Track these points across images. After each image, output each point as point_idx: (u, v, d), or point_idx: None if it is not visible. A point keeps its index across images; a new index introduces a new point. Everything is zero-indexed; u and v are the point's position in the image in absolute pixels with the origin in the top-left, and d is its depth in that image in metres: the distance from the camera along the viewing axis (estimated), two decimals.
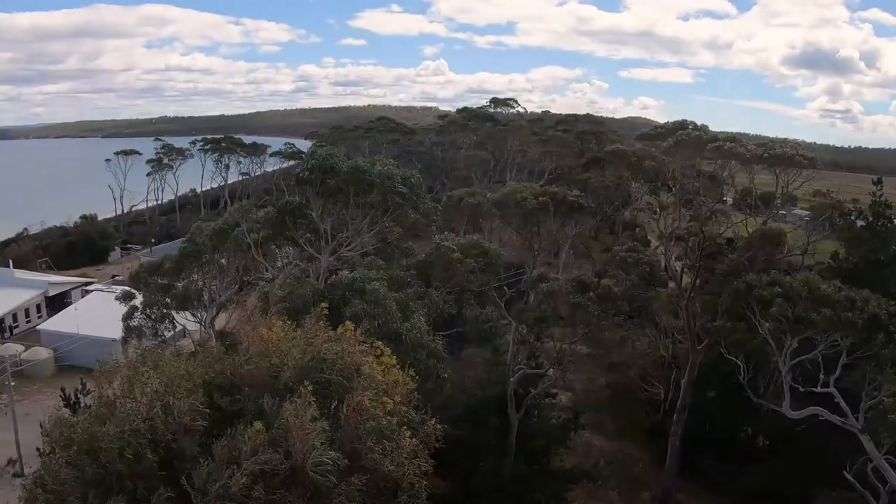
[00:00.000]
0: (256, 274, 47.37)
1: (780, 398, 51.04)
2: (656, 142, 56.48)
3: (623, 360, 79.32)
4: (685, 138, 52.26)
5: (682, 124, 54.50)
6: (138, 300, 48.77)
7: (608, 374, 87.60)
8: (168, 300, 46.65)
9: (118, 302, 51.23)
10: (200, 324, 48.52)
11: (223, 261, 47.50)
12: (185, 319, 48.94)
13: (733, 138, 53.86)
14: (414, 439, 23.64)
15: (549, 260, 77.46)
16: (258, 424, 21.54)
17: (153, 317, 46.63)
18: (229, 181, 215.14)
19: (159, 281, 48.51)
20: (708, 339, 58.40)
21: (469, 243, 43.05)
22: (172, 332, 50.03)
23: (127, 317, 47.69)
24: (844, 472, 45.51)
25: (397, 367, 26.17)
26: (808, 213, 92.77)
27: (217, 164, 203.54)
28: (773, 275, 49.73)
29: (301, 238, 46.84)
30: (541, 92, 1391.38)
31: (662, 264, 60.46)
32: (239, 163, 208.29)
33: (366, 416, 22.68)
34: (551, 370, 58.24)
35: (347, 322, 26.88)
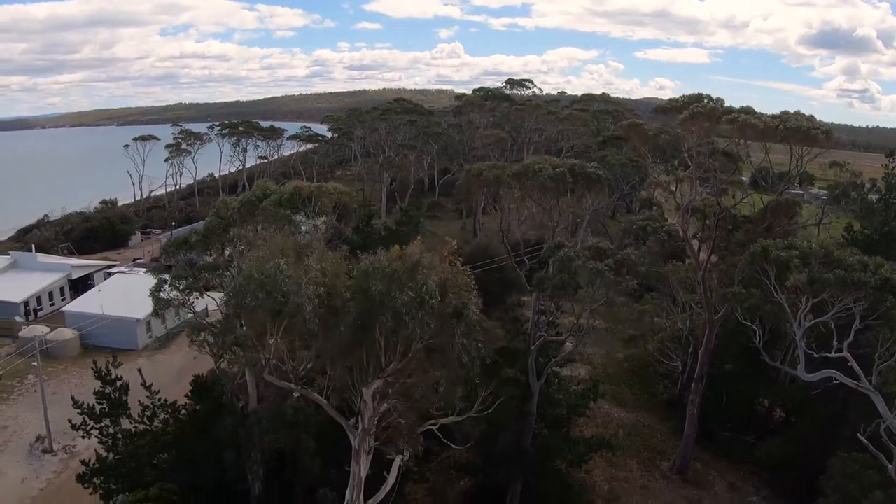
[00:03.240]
0: None
1: (796, 363, 51.67)
2: (671, 114, 56.72)
3: (641, 334, 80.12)
4: (700, 110, 52.78)
5: (698, 97, 54.99)
6: (166, 274, 49.68)
7: (626, 349, 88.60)
8: (196, 273, 47.45)
9: (145, 279, 52.34)
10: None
11: (251, 233, 48.34)
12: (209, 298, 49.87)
13: (748, 110, 54.14)
14: None
15: (566, 238, 78.21)
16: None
17: (182, 289, 47.45)
18: (247, 165, 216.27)
19: (187, 255, 49.33)
20: (725, 306, 59.15)
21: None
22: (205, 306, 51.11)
23: (156, 289, 48.58)
24: (858, 434, 46.21)
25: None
26: (824, 191, 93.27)
27: (235, 147, 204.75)
28: (788, 239, 50.54)
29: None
30: (557, 74, 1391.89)
31: (680, 234, 61.02)
32: (256, 146, 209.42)
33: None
34: (570, 339, 59.02)
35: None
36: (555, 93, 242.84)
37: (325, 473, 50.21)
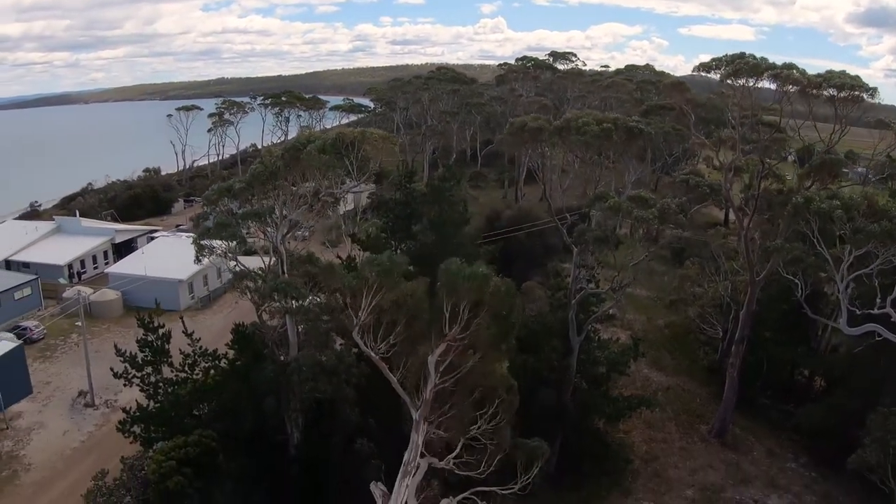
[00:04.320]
0: (327, 190, 48.28)
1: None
2: (714, 73, 55.93)
3: (682, 298, 79.68)
4: (743, 66, 52.19)
5: (741, 55, 54.37)
6: (210, 221, 50.00)
7: (667, 315, 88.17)
8: (239, 219, 47.71)
9: (187, 242, 52.68)
10: (271, 242, 49.69)
11: (294, 181, 48.47)
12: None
13: (791, 65, 53.37)
14: None
15: None
16: None
17: (225, 236, 47.75)
18: (290, 136, 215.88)
19: (229, 203, 49.63)
20: (768, 265, 58.66)
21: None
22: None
23: (199, 237, 48.96)
24: None
25: None
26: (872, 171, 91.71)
27: (277, 118, 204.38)
28: (831, 189, 50.03)
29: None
30: (601, 49, 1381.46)
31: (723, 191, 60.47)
32: (299, 116, 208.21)
33: None
34: (610, 294, 58.87)
35: None
36: (598, 68, 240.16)
37: (363, 423, 50.45)
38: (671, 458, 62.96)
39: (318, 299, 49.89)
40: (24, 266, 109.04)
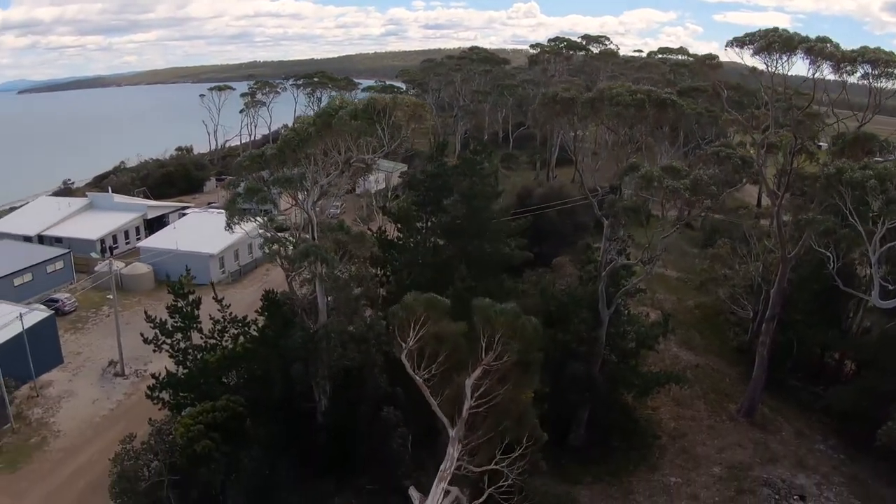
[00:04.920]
0: (358, 156, 48.20)
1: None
2: (748, 48, 55.29)
3: (713, 278, 79.25)
4: (776, 39, 51.66)
5: (774, 29, 53.83)
6: (241, 186, 50.21)
7: (697, 296, 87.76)
8: (270, 184, 47.81)
9: (219, 218, 53.08)
10: (302, 207, 49.74)
11: (324, 148, 48.47)
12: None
13: (825, 39, 52.76)
14: None
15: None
16: None
17: (256, 201, 47.96)
18: None
19: (261, 170, 49.75)
20: (800, 241, 58.23)
21: None
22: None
23: (231, 202, 49.24)
24: None
25: None
26: None
27: (309, 98, 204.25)
28: (864, 161, 49.45)
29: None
30: (634, 35, 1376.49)
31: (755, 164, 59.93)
32: (331, 97, 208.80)
33: None
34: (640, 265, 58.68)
35: None
36: (632, 53, 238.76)
37: (391, 392, 50.53)
38: (699, 435, 62.70)
39: (349, 269, 50.22)
40: (57, 241, 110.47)
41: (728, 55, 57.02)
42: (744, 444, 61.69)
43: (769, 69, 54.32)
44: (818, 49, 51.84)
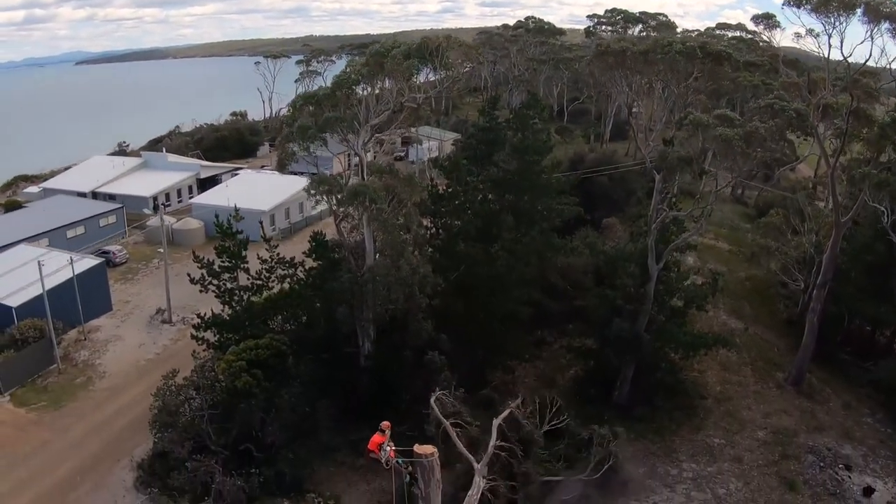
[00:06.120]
0: (410, 95, 48.01)
1: None
2: (805, 7, 54.16)
3: (765, 247, 78.32)
4: None
5: None
6: (294, 128, 50.20)
7: (749, 269, 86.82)
8: (321, 122, 47.69)
9: (270, 177, 53.23)
10: (352, 148, 49.75)
11: (378, 87, 48.42)
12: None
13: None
14: None
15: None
16: None
17: (307, 139, 47.91)
18: None
19: (313, 108, 49.63)
20: (856, 203, 57.27)
21: None
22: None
23: (283, 141, 49.36)
24: None
25: None
26: None
27: None
28: None
29: None
30: (693, 17, 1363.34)
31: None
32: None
33: None
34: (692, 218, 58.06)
35: None
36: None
37: (435, 337, 50.40)
38: (745, 400, 62.03)
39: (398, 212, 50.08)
40: (111, 198, 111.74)
41: (788, 40, 56.00)
42: (790, 412, 61.00)
43: (826, 29, 53.37)
44: (877, 7, 50.72)
